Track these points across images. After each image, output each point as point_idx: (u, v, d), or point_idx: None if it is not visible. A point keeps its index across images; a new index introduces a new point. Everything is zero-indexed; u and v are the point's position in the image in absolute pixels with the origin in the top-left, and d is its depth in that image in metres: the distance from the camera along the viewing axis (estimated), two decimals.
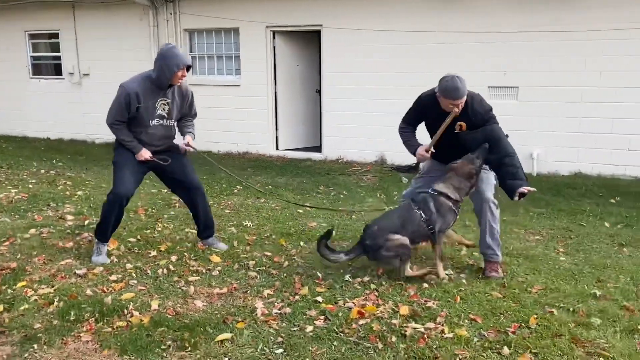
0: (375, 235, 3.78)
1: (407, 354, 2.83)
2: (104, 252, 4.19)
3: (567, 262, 4.30)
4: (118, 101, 3.96)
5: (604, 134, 7.55)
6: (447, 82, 3.63)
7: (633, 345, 2.95)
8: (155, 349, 2.87)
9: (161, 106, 4.08)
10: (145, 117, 4.04)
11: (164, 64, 3.88)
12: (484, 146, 3.80)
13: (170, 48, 3.99)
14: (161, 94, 4.04)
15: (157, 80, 3.96)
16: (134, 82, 3.97)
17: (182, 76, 3.98)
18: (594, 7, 7.28)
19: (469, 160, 3.82)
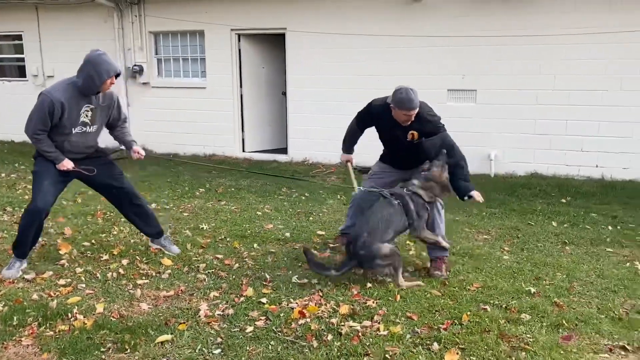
0: (369, 244, 3.76)
1: (340, 351, 2.94)
2: (16, 267, 3.99)
3: (510, 261, 4.46)
4: (40, 110, 3.76)
5: (558, 136, 7.79)
6: (402, 94, 3.78)
7: (555, 339, 3.10)
8: (95, 352, 2.93)
9: (85, 113, 3.93)
10: (68, 126, 3.88)
11: (94, 71, 3.75)
12: (444, 152, 4.00)
13: (100, 54, 3.84)
14: (86, 101, 3.91)
15: (83, 88, 3.82)
16: (57, 90, 3.80)
17: (111, 84, 3.87)
18: (548, 13, 7.51)
19: (441, 168, 3.98)
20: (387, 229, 3.84)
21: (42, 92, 3.82)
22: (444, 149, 3.99)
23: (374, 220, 3.85)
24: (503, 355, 2.93)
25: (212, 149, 9.85)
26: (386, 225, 3.84)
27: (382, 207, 3.92)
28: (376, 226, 3.82)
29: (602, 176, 7.63)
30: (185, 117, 9.87)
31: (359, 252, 3.77)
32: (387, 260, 3.77)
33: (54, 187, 3.97)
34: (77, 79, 3.84)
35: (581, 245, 4.93)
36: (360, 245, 3.77)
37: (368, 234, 3.78)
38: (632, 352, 2.99)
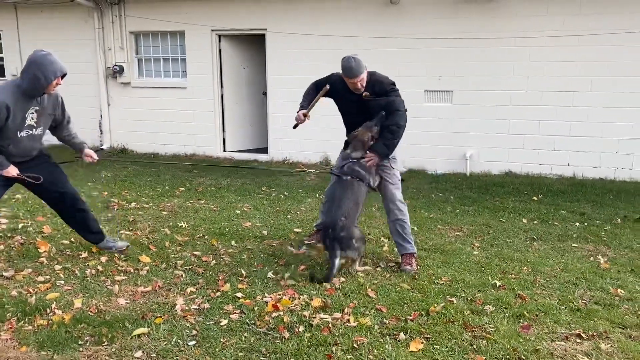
0: (348, 226, 3.95)
1: (310, 341, 3.07)
2: None
3: (479, 256, 4.63)
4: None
5: (532, 135, 8.01)
6: (344, 62, 4.01)
7: (515, 329, 3.26)
8: (72, 344, 3.02)
9: (30, 116, 3.81)
10: (13, 129, 3.75)
11: (39, 72, 3.63)
12: (382, 114, 4.18)
13: (46, 55, 3.71)
14: (31, 103, 3.78)
15: (28, 90, 3.70)
16: (1, 93, 3.67)
17: (57, 84, 3.75)
18: (521, 16, 7.73)
19: (368, 128, 4.20)
20: (357, 208, 4.08)
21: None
22: (385, 111, 4.14)
23: (345, 204, 4.05)
24: (465, 343, 3.08)
25: (193, 148, 9.92)
26: (356, 206, 4.08)
27: (346, 190, 4.11)
28: (348, 209, 4.02)
29: (573, 175, 7.87)
30: (166, 117, 9.92)
31: (340, 235, 3.90)
32: (359, 242, 3.99)
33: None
34: (21, 81, 3.72)
35: (549, 240, 5.12)
36: (340, 229, 3.92)
37: (345, 218, 3.96)
38: (586, 340, 3.16)
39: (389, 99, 4.14)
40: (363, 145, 4.17)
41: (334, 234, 3.92)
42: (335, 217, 3.99)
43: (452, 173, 8.25)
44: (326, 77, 4.45)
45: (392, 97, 4.16)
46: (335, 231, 3.92)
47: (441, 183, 7.64)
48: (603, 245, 4.97)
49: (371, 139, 4.17)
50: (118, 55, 10.01)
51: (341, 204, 4.05)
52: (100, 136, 10.48)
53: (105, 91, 10.23)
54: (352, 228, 3.98)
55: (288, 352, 2.96)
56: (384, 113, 4.14)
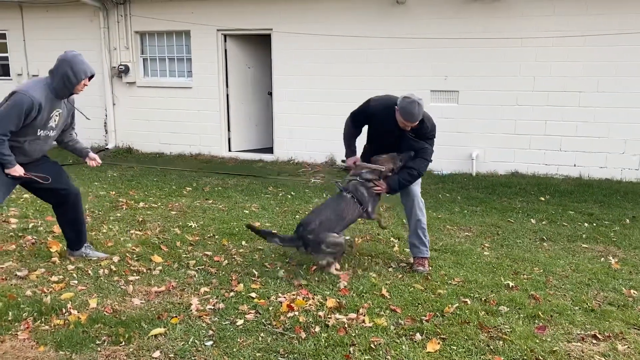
0: (318, 231, 3.98)
1: (327, 342, 3.07)
2: None
3: (490, 256, 4.64)
4: (17, 110, 3.56)
5: (538, 136, 8.02)
6: (408, 104, 3.87)
7: (531, 329, 3.27)
8: (90, 344, 3.02)
9: (54, 117, 3.81)
10: (36, 128, 3.73)
11: (70, 71, 3.65)
12: (410, 154, 4.19)
13: (76, 55, 3.73)
14: (59, 104, 3.79)
15: (58, 88, 3.70)
16: (35, 90, 3.63)
17: (85, 85, 3.77)
18: (527, 16, 7.73)
19: (393, 159, 4.20)
20: (339, 222, 4.09)
21: (17, 90, 3.63)
22: (415, 152, 4.17)
23: (327, 213, 4.11)
24: (482, 344, 3.09)
25: (198, 148, 9.92)
26: (337, 218, 4.09)
27: (335, 202, 4.19)
28: (327, 218, 4.05)
29: (579, 175, 7.88)
30: (171, 116, 9.93)
31: (307, 236, 3.98)
32: (332, 248, 4.00)
33: (5, 187, 3.83)
34: (51, 79, 3.71)
35: (558, 241, 5.12)
36: (309, 231, 3.98)
37: (319, 224, 4.00)
38: (602, 341, 3.17)
39: (423, 146, 4.15)
40: (380, 173, 4.18)
41: (303, 232, 4.02)
42: (311, 218, 4.09)
43: (458, 173, 8.26)
44: (365, 104, 4.25)
45: (427, 145, 4.17)
46: (305, 230, 4.01)
47: (447, 183, 7.65)
48: (613, 246, 4.98)
49: (391, 170, 4.18)
50: (123, 55, 10.02)
51: (323, 211, 4.15)
52: (105, 136, 10.49)
53: (111, 91, 10.23)
54: (324, 234, 3.99)
55: (306, 353, 2.96)
56: (412, 154, 4.16)
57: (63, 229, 4.36)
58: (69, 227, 4.30)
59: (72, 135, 4.21)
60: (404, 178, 4.16)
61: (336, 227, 4.08)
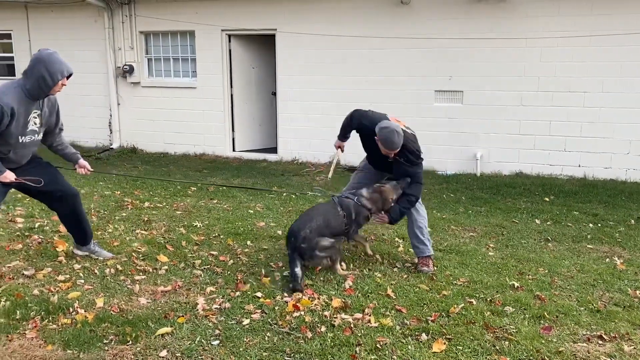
0: (309, 238, 3.95)
1: (334, 342, 3.08)
2: None
3: (495, 257, 4.64)
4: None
5: (542, 136, 8.02)
6: (387, 134, 3.92)
7: (537, 330, 3.28)
8: (97, 343, 3.04)
9: (33, 120, 3.62)
10: (15, 134, 3.56)
11: (46, 71, 3.45)
12: (407, 181, 4.21)
13: (52, 53, 3.53)
14: (34, 105, 3.60)
15: (33, 90, 3.50)
16: (6, 94, 3.44)
17: (63, 85, 3.57)
18: (532, 17, 7.73)
19: (395, 189, 4.22)
20: (326, 228, 4.07)
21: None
22: (410, 178, 4.20)
23: (317, 219, 4.07)
24: (487, 344, 3.09)
25: (203, 148, 9.95)
26: (325, 225, 4.08)
27: (326, 210, 4.21)
28: (317, 224, 4.02)
29: (584, 175, 7.87)
30: (175, 116, 9.96)
31: (301, 246, 3.93)
32: (325, 252, 3.99)
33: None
34: (25, 81, 3.51)
35: (563, 242, 5.12)
36: (301, 240, 3.93)
37: (310, 231, 3.96)
38: (608, 341, 3.17)
39: (415, 170, 4.18)
40: (383, 203, 4.19)
41: (295, 244, 3.94)
42: (300, 227, 4.01)
43: (462, 173, 8.26)
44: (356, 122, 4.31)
45: (418, 169, 4.20)
46: (297, 241, 3.93)
47: (452, 183, 7.65)
48: (618, 247, 4.98)
49: (393, 201, 4.19)
50: (128, 55, 10.05)
51: (313, 218, 4.09)
52: (110, 135, 10.52)
53: (115, 91, 10.26)
54: (316, 239, 3.97)
55: (312, 352, 2.98)
56: (409, 180, 4.19)
57: (67, 229, 4.35)
58: (71, 227, 4.28)
59: (60, 138, 4.04)
60: (404, 207, 4.22)
61: (325, 233, 4.05)
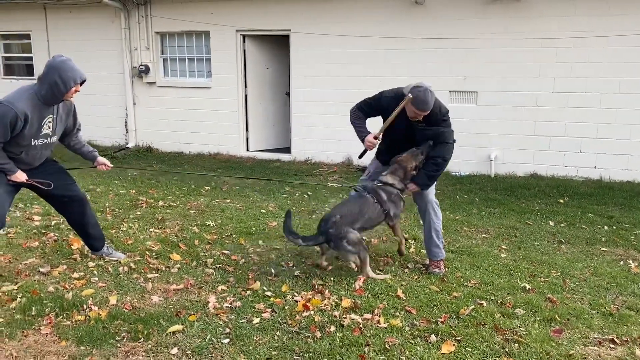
0: (339, 224, 3.95)
1: (342, 341, 3.10)
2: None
3: (507, 259, 4.61)
4: (2, 122, 3.47)
5: (558, 137, 7.94)
6: (420, 92, 3.78)
7: (547, 332, 3.26)
8: (110, 340, 3.10)
9: (47, 124, 3.70)
10: (28, 137, 3.63)
11: (59, 78, 3.52)
12: (429, 143, 4.09)
13: (65, 60, 3.59)
14: (48, 111, 3.67)
15: (46, 97, 3.58)
16: (20, 100, 3.51)
17: (76, 91, 3.64)
18: (547, 16, 7.66)
19: (413, 155, 4.13)
20: (359, 218, 4.04)
21: (1, 102, 3.51)
22: (433, 140, 4.07)
23: (348, 207, 4.11)
24: (497, 346, 3.09)
25: (217, 148, 10.02)
26: (359, 213, 4.05)
27: (356, 199, 4.18)
28: (348, 212, 4.04)
29: (600, 177, 7.78)
30: (190, 116, 10.05)
31: (329, 230, 3.95)
32: (354, 246, 3.95)
33: (8, 196, 3.77)
34: (39, 87, 3.58)
35: (577, 244, 5.08)
36: (330, 224, 3.95)
37: (340, 217, 3.98)
38: (620, 345, 3.14)
39: (439, 130, 4.02)
40: (405, 173, 4.10)
41: (325, 227, 3.99)
42: (332, 213, 4.07)
43: (476, 174, 8.21)
44: (378, 96, 4.20)
45: (443, 127, 4.03)
46: (327, 225, 3.97)
47: (465, 184, 7.61)
48: (633, 250, 4.92)
49: (415, 168, 4.10)
50: (144, 55, 10.15)
51: (344, 206, 4.16)
52: (126, 135, 10.64)
53: (131, 90, 10.38)
54: (346, 228, 3.96)
55: (321, 352, 2.99)
56: (431, 143, 4.06)
57: (77, 232, 4.36)
58: (80, 232, 4.31)
59: (78, 137, 4.11)
60: (431, 170, 4.08)
61: (357, 222, 4.03)
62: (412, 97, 3.82)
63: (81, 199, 4.14)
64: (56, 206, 4.21)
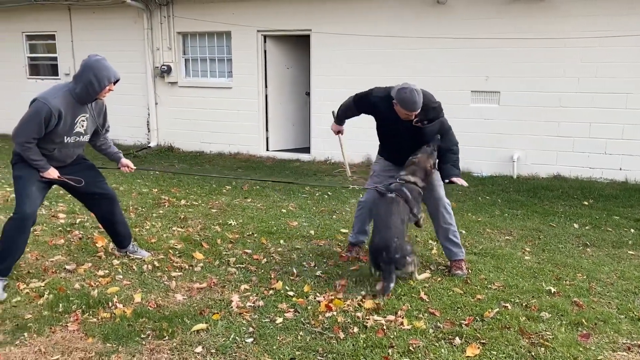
0: (401, 245, 3.78)
1: (366, 343, 3.09)
2: (0, 287, 3.67)
3: (531, 261, 4.55)
4: (36, 118, 3.54)
5: (582, 138, 7.82)
6: (406, 94, 3.72)
7: (574, 337, 3.20)
8: (135, 338, 3.13)
9: (80, 123, 3.77)
10: (61, 134, 3.70)
11: (94, 76, 3.59)
12: (437, 138, 4.07)
13: (100, 60, 3.66)
14: (82, 109, 3.74)
15: (81, 95, 3.64)
16: (55, 97, 3.58)
17: (110, 90, 3.71)
18: (571, 16, 7.55)
19: (428, 154, 4.08)
20: (402, 226, 3.92)
21: (37, 98, 3.59)
22: (439, 134, 4.05)
23: (396, 222, 3.86)
24: (523, 350, 3.05)
25: (237, 147, 10.08)
26: (402, 222, 3.92)
27: (392, 207, 3.91)
28: (395, 227, 3.83)
29: (625, 179, 7.64)
30: (211, 116, 10.13)
31: (395, 257, 3.71)
32: (412, 256, 3.91)
33: (40, 193, 3.82)
34: (74, 85, 3.66)
35: (602, 247, 4.99)
36: (394, 250, 3.72)
37: (397, 238, 3.77)
38: None
39: (437, 127, 4.02)
40: (425, 173, 4.03)
41: (389, 256, 3.71)
42: (387, 238, 3.76)
43: (498, 175, 8.13)
44: (368, 92, 4.16)
45: (441, 117, 4.03)
46: (390, 253, 3.70)
47: (487, 185, 7.54)
48: None
49: (434, 165, 4.06)
50: (166, 55, 10.26)
51: (390, 224, 3.84)
52: (148, 134, 10.76)
53: (153, 90, 10.49)
54: (404, 245, 3.84)
55: (344, 353, 2.99)
56: (439, 136, 4.05)
57: (105, 229, 4.44)
58: (108, 229, 4.38)
59: (105, 138, 4.17)
60: (452, 159, 4.06)
61: (405, 231, 3.95)
62: (396, 101, 3.80)
63: (111, 196, 4.21)
64: (86, 203, 4.27)
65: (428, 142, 4.08)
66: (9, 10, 11.32)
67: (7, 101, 11.90)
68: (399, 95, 3.78)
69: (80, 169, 4.03)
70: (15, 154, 3.77)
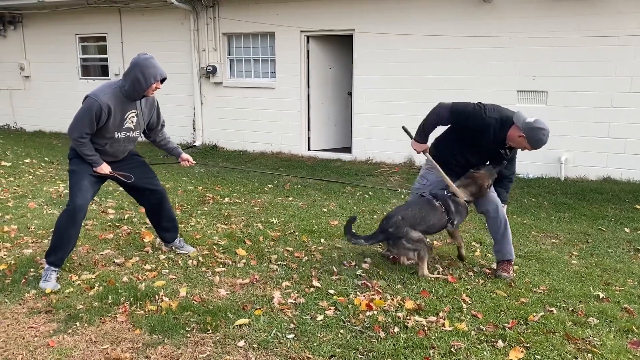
0: (399, 224, 4.00)
1: (407, 343, 3.08)
2: (53, 278, 3.84)
3: (578, 265, 4.43)
4: (88, 114, 3.72)
5: (634, 140, 7.53)
6: (544, 136, 3.73)
7: (623, 344, 3.10)
8: (181, 330, 3.22)
9: (130, 119, 3.92)
10: (112, 130, 3.86)
11: (141, 74, 3.71)
12: (504, 164, 4.12)
13: (148, 58, 3.77)
14: (131, 106, 3.89)
15: (129, 91, 3.78)
16: (105, 93, 3.75)
17: (157, 88, 3.82)
18: (624, 12, 7.28)
19: (491, 174, 4.11)
20: (422, 222, 4.05)
21: (88, 95, 3.76)
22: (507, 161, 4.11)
23: (412, 210, 4.11)
24: (569, 355, 2.97)
25: (279, 147, 10.18)
26: (421, 218, 4.05)
27: (422, 204, 4.16)
28: (411, 215, 4.05)
29: None
30: (254, 116, 10.26)
31: (389, 229, 4.01)
32: (413, 244, 3.97)
33: (92, 188, 3.96)
34: (122, 83, 3.80)
35: None
36: (391, 224, 4.02)
37: (402, 218, 4.02)
38: None
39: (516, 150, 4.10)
40: (480, 189, 4.07)
41: (386, 226, 4.05)
42: (396, 212, 4.13)
43: (545, 177, 7.92)
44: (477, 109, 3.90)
45: None
46: (389, 224, 4.03)
47: (533, 187, 7.36)
48: None
49: (489, 186, 4.10)
50: (211, 56, 10.46)
51: (408, 207, 4.17)
52: (193, 133, 11.00)
53: (199, 90, 10.72)
54: (406, 228, 3.99)
55: (385, 352, 2.99)
56: (506, 163, 4.11)
57: (152, 223, 4.59)
58: (155, 223, 4.51)
59: (163, 134, 4.32)
60: (508, 187, 4.25)
61: (419, 226, 4.04)
62: (529, 138, 3.73)
63: (161, 192, 4.34)
64: (137, 198, 4.42)
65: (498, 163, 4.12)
66: (63, 13, 11.79)
67: (61, 101, 12.40)
68: (535, 134, 3.73)
69: (132, 164, 4.19)
70: (71, 149, 3.97)
